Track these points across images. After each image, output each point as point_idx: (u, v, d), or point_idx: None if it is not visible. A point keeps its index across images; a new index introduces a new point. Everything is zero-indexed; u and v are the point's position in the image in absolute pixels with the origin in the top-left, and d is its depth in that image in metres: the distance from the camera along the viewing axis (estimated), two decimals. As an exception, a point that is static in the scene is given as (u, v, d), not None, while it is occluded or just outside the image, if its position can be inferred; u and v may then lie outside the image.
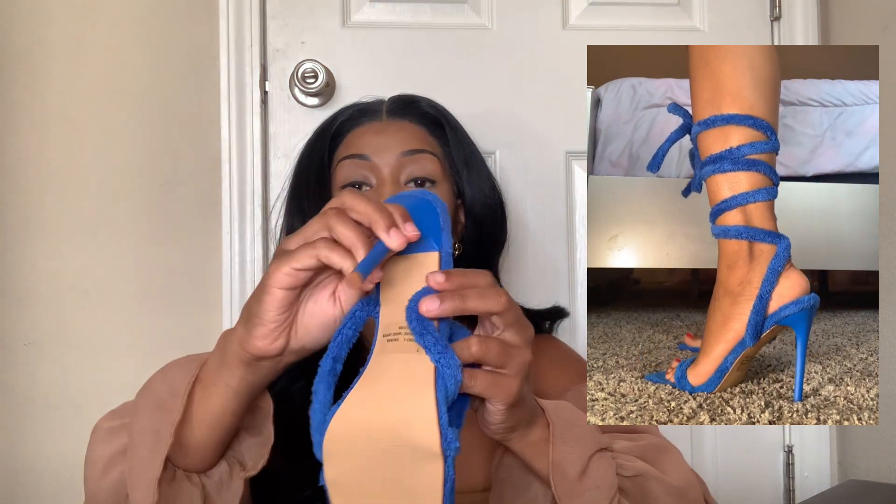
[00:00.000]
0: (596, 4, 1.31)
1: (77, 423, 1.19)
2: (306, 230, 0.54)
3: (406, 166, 0.82)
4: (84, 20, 1.22)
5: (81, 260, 1.20)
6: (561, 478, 0.60)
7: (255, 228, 1.22)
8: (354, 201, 0.53)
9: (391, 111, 0.87)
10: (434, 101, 0.90)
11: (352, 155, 0.83)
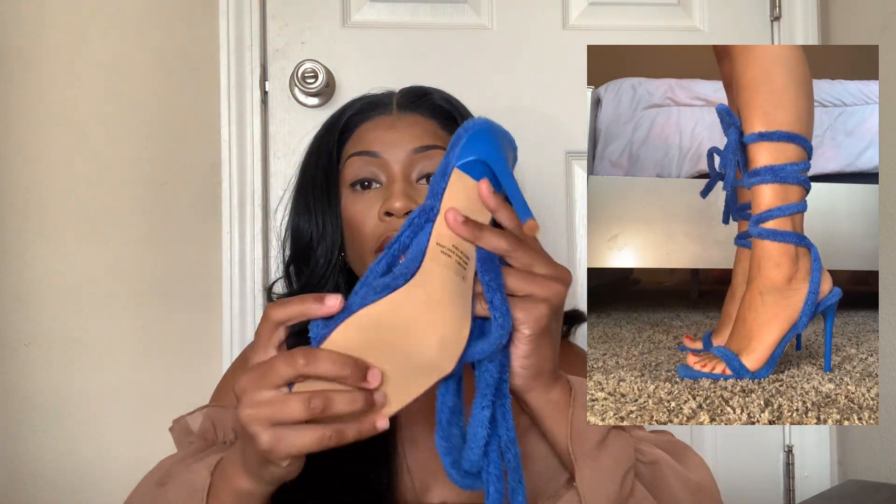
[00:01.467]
0: (596, 4, 1.31)
1: (77, 423, 1.20)
2: (280, 412, 0.51)
3: (417, 163, 0.79)
4: (84, 20, 1.22)
5: (81, 260, 1.20)
6: (580, 441, 0.60)
7: (255, 228, 1.22)
8: (318, 367, 0.51)
9: (402, 104, 0.84)
10: (447, 94, 0.87)
11: (361, 152, 0.80)
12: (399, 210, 0.75)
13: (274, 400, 0.51)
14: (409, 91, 0.86)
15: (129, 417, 1.20)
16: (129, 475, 1.19)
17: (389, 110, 0.83)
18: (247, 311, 1.21)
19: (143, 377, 1.21)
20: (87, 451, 1.19)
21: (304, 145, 1.23)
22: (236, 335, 1.19)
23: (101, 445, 1.20)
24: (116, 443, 1.20)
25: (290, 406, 0.51)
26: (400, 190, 0.77)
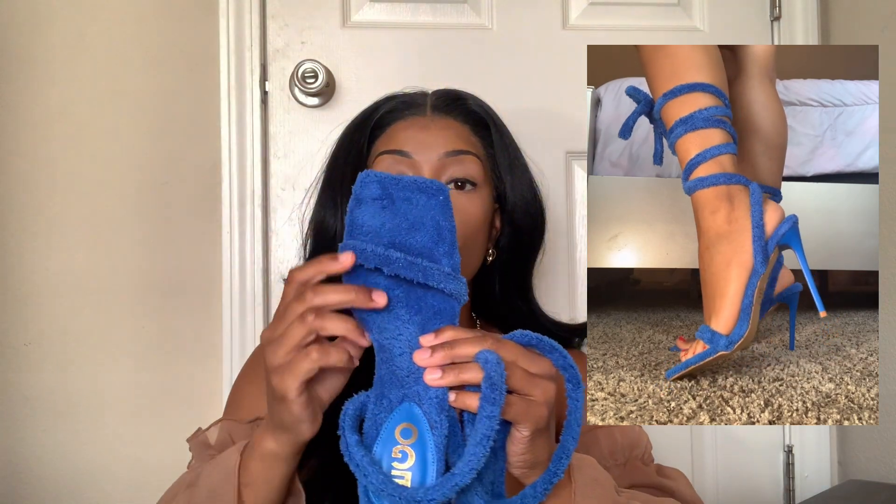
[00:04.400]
0: (596, 4, 1.31)
1: (77, 424, 1.20)
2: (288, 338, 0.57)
3: (448, 167, 0.79)
4: (84, 20, 1.22)
5: (81, 260, 1.20)
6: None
7: (255, 228, 1.22)
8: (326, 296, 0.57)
9: (436, 107, 0.83)
10: (481, 100, 0.87)
11: (392, 150, 0.80)
12: None
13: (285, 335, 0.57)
14: (443, 94, 0.86)
15: (129, 417, 1.20)
16: (129, 475, 1.20)
17: (423, 111, 0.83)
18: (247, 312, 1.21)
19: (143, 377, 1.21)
20: (87, 451, 1.20)
21: (304, 145, 1.24)
22: (236, 335, 1.19)
23: (101, 445, 1.20)
24: (116, 443, 1.20)
25: (293, 329, 0.57)
26: None
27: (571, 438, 0.58)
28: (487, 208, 0.82)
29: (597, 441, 0.82)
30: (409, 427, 0.55)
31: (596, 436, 0.82)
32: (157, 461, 1.20)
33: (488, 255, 0.86)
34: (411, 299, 0.57)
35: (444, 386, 0.55)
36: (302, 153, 1.24)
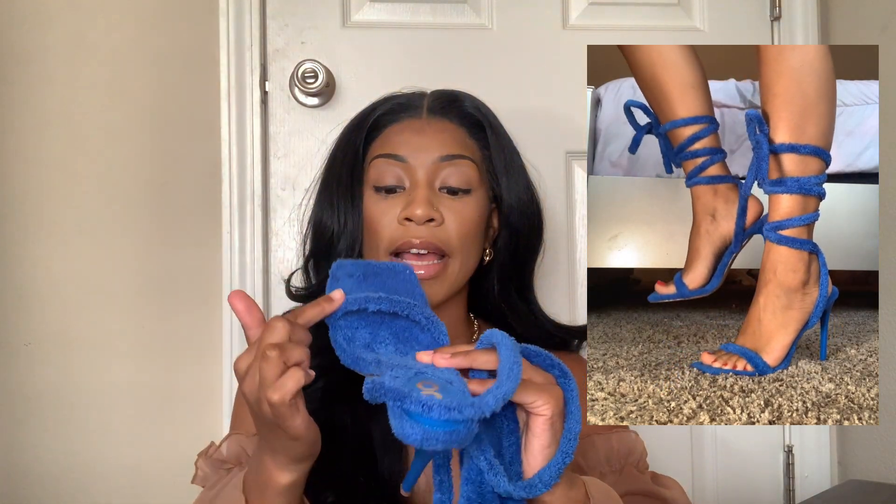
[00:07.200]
0: (596, 4, 1.31)
1: (77, 423, 1.20)
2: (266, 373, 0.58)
3: (442, 171, 0.79)
4: (84, 20, 1.22)
5: (81, 260, 1.20)
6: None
7: (255, 228, 1.22)
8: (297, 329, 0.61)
9: (432, 109, 0.84)
10: (478, 101, 0.87)
11: (387, 154, 0.80)
12: (419, 217, 0.76)
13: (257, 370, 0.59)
14: (440, 95, 0.86)
15: (129, 417, 1.20)
16: (129, 475, 1.20)
17: (420, 114, 0.83)
18: (247, 311, 1.21)
19: (143, 377, 1.21)
20: (87, 451, 1.20)
21: (304, 145, 1.24)
22: (236, 335, 1.19)
23: (101, 445, 1.20)
24: (116, 443, 1.20)
25: (268, 364, 0.58)
26: (422, 197, 0.77)
27: (575, 421, 0.61)
28: (483, 210, 0.83)
29: (594, 446, 0.83)
30: (427, 383, 0.57)
31: (593, 442, 0.83)
32: (157, 461, 1.20)
33: (485, 254, 0.86)
34: (399, 340, 0.62)
35: (453, 366, 0.58)
36: (302, 153, 1.24)
